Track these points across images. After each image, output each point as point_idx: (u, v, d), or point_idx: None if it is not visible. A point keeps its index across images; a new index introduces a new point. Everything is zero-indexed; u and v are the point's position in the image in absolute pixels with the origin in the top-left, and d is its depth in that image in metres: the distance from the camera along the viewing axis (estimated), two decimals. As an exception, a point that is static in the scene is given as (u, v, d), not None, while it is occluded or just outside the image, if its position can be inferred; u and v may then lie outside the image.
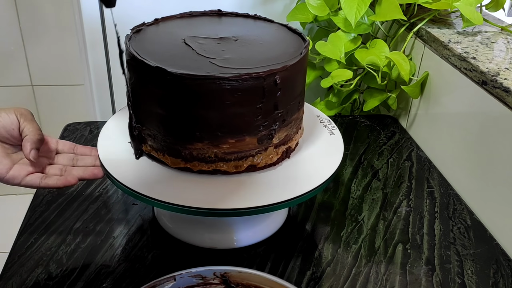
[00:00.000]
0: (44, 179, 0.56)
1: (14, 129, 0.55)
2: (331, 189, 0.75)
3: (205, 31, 0.61)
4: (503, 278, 0.60)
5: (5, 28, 1.15)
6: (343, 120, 0.96)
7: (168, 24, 0.63)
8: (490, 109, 0.69)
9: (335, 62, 0.92)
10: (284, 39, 0.61)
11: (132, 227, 0.66)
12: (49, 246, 0.62)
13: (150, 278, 0.47)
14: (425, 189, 0.76)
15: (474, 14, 0.80)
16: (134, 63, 0.53)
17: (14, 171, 0.55)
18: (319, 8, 0.92)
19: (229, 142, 0.54)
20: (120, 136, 0.63)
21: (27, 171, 0.55)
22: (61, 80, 1.22)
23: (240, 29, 0.62)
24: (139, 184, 0.54)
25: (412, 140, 0.90)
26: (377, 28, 0.97)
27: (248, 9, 1.08)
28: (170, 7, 1.05)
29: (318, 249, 0.63)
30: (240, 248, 0.62)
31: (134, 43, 0.56)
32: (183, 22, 0.65)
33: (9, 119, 0.55)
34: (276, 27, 0.64)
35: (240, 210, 0.52)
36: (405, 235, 0.66)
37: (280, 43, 0.60)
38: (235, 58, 0.54)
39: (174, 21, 0.64)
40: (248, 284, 0.48)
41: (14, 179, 0.55)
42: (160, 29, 0.62)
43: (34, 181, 0.55)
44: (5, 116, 0.55)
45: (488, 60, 0.72)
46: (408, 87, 0.87)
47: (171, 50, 0.56)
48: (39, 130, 0.56)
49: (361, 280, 0.58)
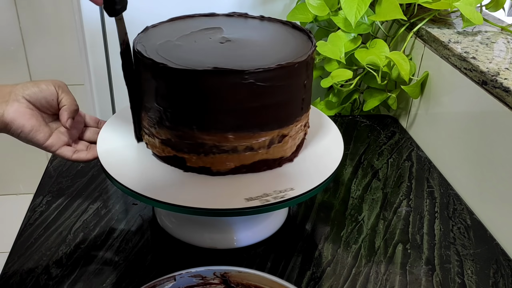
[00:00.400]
0: (75, 153, 0.62)
1: (54, 99, 0.60)
2: (331, 189, 0.75)
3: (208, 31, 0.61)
4: (503, 278, 0.60)
5: (5, 28, 1.15)
6: (343, 120, 0.96)
7: (176, 24, 0.64)
8: (490, 109, 0.68)
9: (335, 62, 0.92)
10: (290, 38, 0.61)
11: (132, 227, 0.66)
12: (49, 246, 0.62)
13: (150, 278, 0.47)
14: (425, 189, 0.76)
15: (474, 14, 0.80)
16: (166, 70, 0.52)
17: (52, 139, 0.60)
18: (319, 8, 0.92)
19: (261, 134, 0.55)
20: (120, 136, 0.63)
21: (63, 141, 0.61)
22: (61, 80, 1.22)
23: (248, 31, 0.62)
24: (139, 184, 0.54)
25: (412, 140, 0.90)
26: (377, 28, 0.97)
27: (248, 9, 1.07)
28: (170, 7, 1.05)
29: (318, 249, 0.63)
30: (240, 248, 0.62)
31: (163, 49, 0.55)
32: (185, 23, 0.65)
33: (49, 90, 0.59)
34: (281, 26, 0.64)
35: (240, 210, 0.52)
36: (405, 235, 0.66)
37: (288, 41, 0.60)
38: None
39: (176, 22, 0.65)
40: (248, 284, 0.48)
41: (51, 147, 0.60)
42: (173, 26, 0.63)
43: (67, 153, 0.61)
44: (45, 87, 0.59)
45: (488, 60, 0.72)
46: (408, 87, 0.87)
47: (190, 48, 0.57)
48: (74, 101, 0.61)
49: (361, 280, 0.58)
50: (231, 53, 0.55)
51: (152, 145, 0.59)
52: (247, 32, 0.61)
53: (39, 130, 0.58)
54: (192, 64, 0.51)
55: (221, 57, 0.54)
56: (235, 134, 0.53)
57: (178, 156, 0.56)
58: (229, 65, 0.50)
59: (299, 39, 0.60)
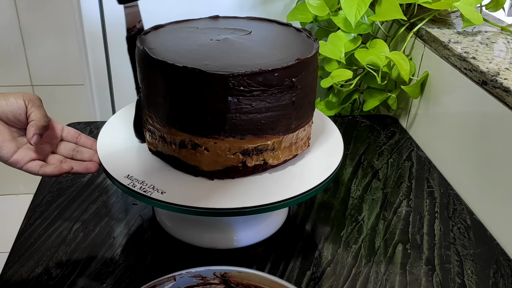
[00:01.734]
0: (42, 167, 0.57)
1: (21, 114, 0.57)
2: (331, 189, 0.75)
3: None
4: (503, 278, 0.60)
5: (5, 28, 1.15)
6: (343, 120, 0.96)
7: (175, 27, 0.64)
8: (490, 109, 0.68)
9: (335, 62, 0.92)
10: (292, 39, 0.60)
11: (132, 227, 0.66)
12: (49, 246, 0.62)
13: (150, 278, 0.47)
14: (425, 189, 0.76)
15: (474, 14, 0.80)
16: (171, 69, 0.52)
17: (18, 155, 0.56)
18: (319, 8, 0.92)
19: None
20: (120, 136, 0.63)
21: (29, 157, 0.57)
22: (61, 80, 1.22)
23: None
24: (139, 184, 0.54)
25: (412, 140, 0.90)
26: (377, 28, 0.97)
27: (248, 9, 1.08)
28: (170, 7, 1.05)
29: (318, 249, 0.63)
30: (240, 248, 0.62)
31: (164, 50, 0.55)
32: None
33: (17, 104, 0.56)
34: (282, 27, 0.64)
35: (240, 209, 0.52)
36: (405, 235, 0.66)
37: (291, 43, 0.59)
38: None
39: (178, 24, 0.65)
40: (248, 284, 0.48)
41: (16, 163, 0.56)
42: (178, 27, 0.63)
43: (34, 168, 0.57)
44: (13, 101, 0.56)
45: (488, 60, 0.72)
46: (408, 87, 0.87)
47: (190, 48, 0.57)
48: (45, 117, 0.57)
49: (361, 280, 0.58)
50: (225, 55, 0.55)
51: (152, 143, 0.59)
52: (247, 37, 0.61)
53: (3, 146, 0.55)
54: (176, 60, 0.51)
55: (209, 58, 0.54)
56: (227, 139, 0.53)
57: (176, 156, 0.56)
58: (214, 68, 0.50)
59: (301, 44, 0.59)
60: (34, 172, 0.57)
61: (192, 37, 0.59)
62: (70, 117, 0.98)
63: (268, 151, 0.56)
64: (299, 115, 0.56)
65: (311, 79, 0.57)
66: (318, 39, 0.95)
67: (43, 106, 0.58)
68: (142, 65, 0.55)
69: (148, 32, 0.60)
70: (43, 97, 0.61)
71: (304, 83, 0.54)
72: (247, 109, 0.52)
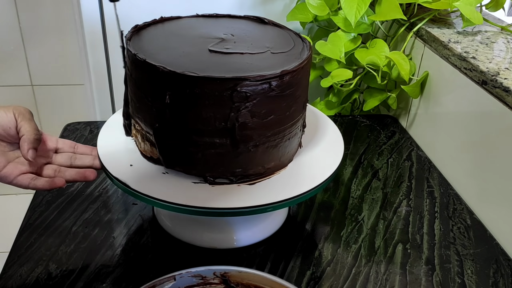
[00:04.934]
0: (33, 180, 0.55)
1: (11, 128, 0.55)
2: (331, 189, 0.75)
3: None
4: (503, 278, 0.60)
5: (5, 28, 1.15)
6: (343, 120, 0.96)
7: (173, 24, 0.64)
8: (490, 109, 0.68)
9: (335, 61, 0.92)
10: (284, 41, 0.60)
11: (132, 227, 0.66)
12: (49, 246, 0.62)
13: (150, 278, 0.47)
14: (425, 189, 0.76)
15: (474, 14, 0.80)
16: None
17: (7, 169, 0.54)
18: (319, 8, 0.92)
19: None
20: (120, 135, 0.63)
21: (19, 171, 0.55)
22: (61, 80, 1.22)
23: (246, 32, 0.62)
24: (139, 183, 0.54)
25: (412, 140, 0.90)
26: (377, 28, 0.97)
27: (248, 9, 1.08)
28: (170, 6, 1.05)
29: (318, 249, 0.63)
30: (240, 248, 0.62)
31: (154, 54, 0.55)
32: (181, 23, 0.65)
33: (7, 117, 0.54)
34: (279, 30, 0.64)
35: (240, 209, 0.52)
36: (405, 235, 0.66)
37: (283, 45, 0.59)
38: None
39: (179, 21, 0.65)
40: (248, 284, 0.48)
41: (5, 178, 0.54)
42: (165, 28, 0.63)
43: (24, 181, 0.55)
44: (2, 114, 0.54)
45: (488, 60, 0.72)
46: (408, 86, 0.87)
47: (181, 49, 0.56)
48: (36, 130, 0.56)
49: (361, 280, 0.58)
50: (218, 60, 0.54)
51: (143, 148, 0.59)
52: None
53: None
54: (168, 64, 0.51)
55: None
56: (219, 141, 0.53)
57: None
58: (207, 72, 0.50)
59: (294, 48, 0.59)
60: (24, 185, 0.55)
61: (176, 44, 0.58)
62: (70, 117, 0.98)
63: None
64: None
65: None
66: (318, 39, 0.95)
67: (44, 106, 0.58)
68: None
69: (132, 34, 0.59)
70: (43, 97, 0.61)
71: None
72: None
